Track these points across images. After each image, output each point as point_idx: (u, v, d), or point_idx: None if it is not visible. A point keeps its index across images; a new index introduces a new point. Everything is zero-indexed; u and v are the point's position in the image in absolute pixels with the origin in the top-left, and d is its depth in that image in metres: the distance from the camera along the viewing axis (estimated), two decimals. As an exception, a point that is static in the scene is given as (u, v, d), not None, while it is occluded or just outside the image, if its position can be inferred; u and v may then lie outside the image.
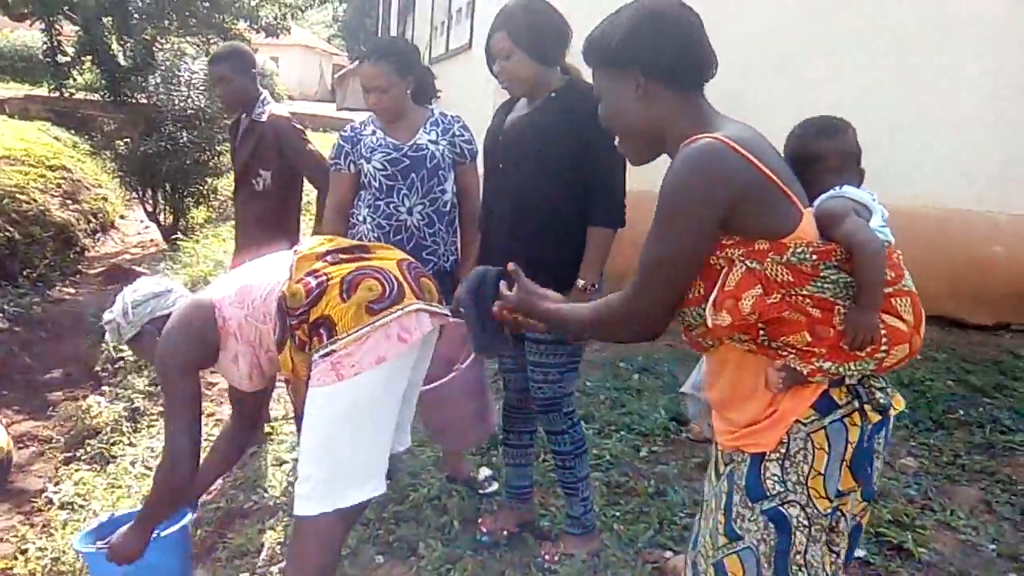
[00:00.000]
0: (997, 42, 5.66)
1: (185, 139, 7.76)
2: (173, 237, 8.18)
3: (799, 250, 1.56)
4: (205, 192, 8.54)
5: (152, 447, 4.20)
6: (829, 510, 1.63)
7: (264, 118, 3.66)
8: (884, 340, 1.61)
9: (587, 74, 2.68)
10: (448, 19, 7.37)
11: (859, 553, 2.91)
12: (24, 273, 7.56)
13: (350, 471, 2.25)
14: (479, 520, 3.04)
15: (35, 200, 9.01)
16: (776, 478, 1.64)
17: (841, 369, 1.59)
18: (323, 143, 4.29)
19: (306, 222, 4.55)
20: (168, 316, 2.51)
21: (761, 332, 1.61)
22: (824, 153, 1.83)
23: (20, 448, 5.04)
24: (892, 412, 1.68)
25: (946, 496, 3.43)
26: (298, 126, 3.76)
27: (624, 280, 3.75)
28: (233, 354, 2.42)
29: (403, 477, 3.32)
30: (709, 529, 1.77)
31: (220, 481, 3.33)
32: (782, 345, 1.60)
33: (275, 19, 8.32)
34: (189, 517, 2.68)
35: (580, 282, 2.60)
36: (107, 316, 2.59)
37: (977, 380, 4.73)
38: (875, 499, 1.82)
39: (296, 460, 3.63)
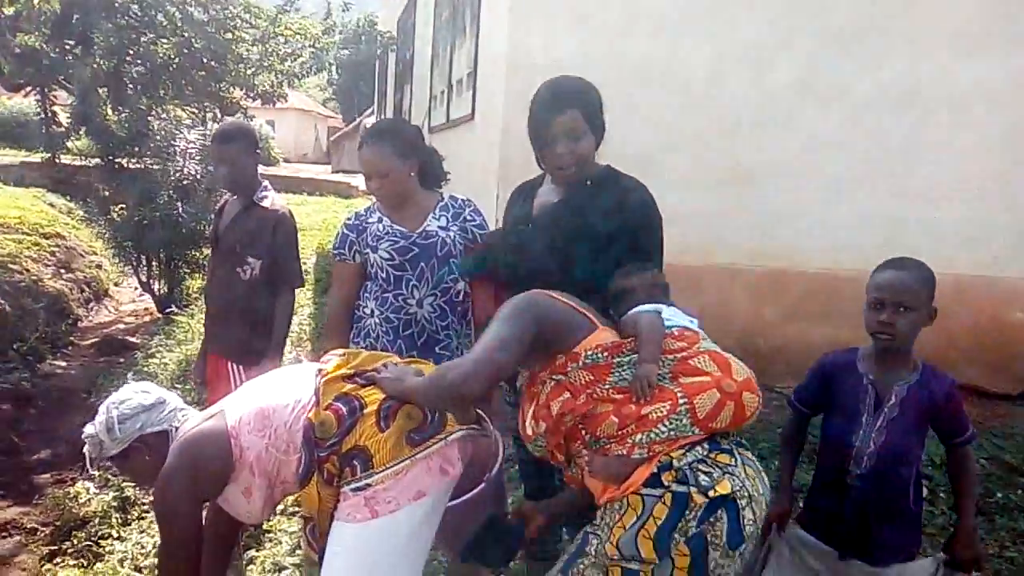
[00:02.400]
0: (1008, 105, 5.56)
1: (180, 208, 7.61)
2: (167, 308, 7.99)
3: (590, 353, 1.95)
4: (200, 261, 8.37)
5: (142, 543, 3.97)
6: (617, 558, 1.88)
7: (267, 204, 3.47)
8: (680, 394, 1.88)
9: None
10: (448, 89, 7.30)
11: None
12: (14, 347, 7.34)
13: None
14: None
15: (28, 270, 8.86)
16: (601, 513, 1.98)
17: (653, 434, 1.86)
18: (318, 206, 4.15)
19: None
20: (161, 432, 2.26)
21: (583, 433, 1.93)
22: (634, 288, 2.20)
23: (3, 538, 4.80)
24: (713, 494, 1.82)
25: (998, 597, 3.20)
26: (295, 226, 3.58)
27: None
28: (245, 487, 2.16)
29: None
30: None
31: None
32: (605, 440, 1.91)
33: (271, 87, 8.25)
34: None
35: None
36: (88, 430, 2.31)
37: (1012, 458, 4.52)
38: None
39: (296, 565, 3.40)
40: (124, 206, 8.17)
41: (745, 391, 1.93)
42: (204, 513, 2.58)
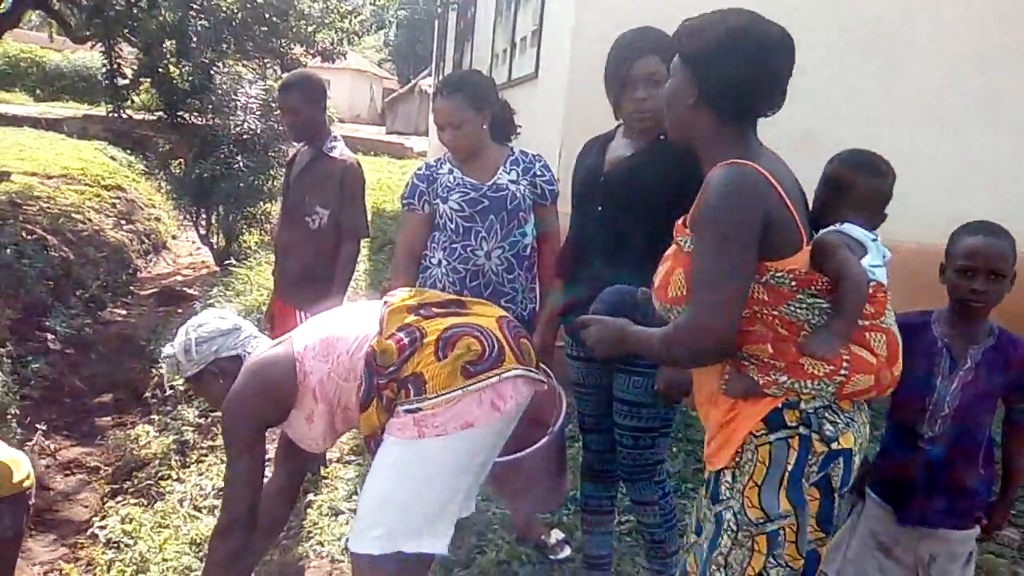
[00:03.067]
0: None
1: (240, 163, 7.70)
2: (225, 261, 8.12)
3: (779, 275, 1.68)
4: (258, 216, 8.47)
5: (201, 485, 4.06)
6: (762, 520, 1.72)
7: (335, 154, 3.48)
8: (845, 365, 1.70)
9: None
10: (511, 47, 7.24)
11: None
12: (77, 294, 7.53)
13: (411, 522, 2.10)
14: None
15: (90, 220, 9.06)
16: (727, 484, 1.79)
17: (796, 386, 1.70)
18: (372, 166, 4.15)
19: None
20: (235, 357, 2.33)
21: None
22: (856, 185, 1.88)
23: (67, 475, 4.96)
24: (836, 447, 1.72)
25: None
26: (363, 176, 3.59)
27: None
28: (308, 412, 2.23)
29: (469, 537, 3.10)
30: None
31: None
32: (745, 355, 1.73)
33: (331, 44, 8.27)
34: None
35: None
36: (167, 350, 2.41)
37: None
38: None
39: (352, 510, 3.47)
40: (184, 160, 8.29)
41: (891, 386, 1.83)
42: (274, 450, 2.65)
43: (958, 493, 2.18)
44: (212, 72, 7.86)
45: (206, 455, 4.40)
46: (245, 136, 7.83)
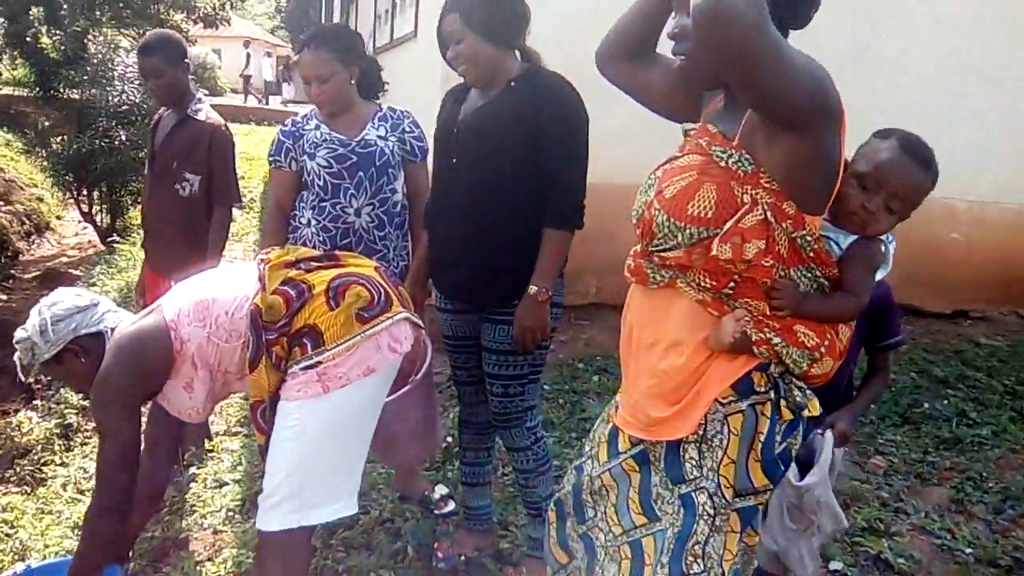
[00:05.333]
0: (953, 30, 5.59)
1: (121, 136, 7.39)
2: (110, 239, 7.82)
3: (809, 237, 1.53)
4: (142, 191, 8.16)
5: (85, 468, 3.94)
6: (736, 498, 1.59)
7: (201, 116, 3.37)
8: (826, 343, 1.60)
9: (548, 58, 2.57)
10: (392, 7, 7.13)
11: (836, 566, 2.79)
12: (-47, 279, 7.15)
13: (323, 488, 2.08)
14: (435, 545, 2.85)
15: (-36, 202, 8.59)
16: (694, 461, 1.59)
17: (784, 350, 1.56)
18: (266, 136, 4.05)
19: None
20: (96, 334, 2.22)
21: (732, 284, 1.55)
22: (903, 180, 1.68)
23: (-53, 467, 4.75)
24: (805, 414, 1.62)
25: (918, 497, 3.34)
26: (231, 138, 3.48)
27: (580, 279, 3.52)
28: (187, 380, 2.16)
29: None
30: (614, 506, 1.74)
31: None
32: (740, 305, 1.56)
33: (213, 9, 7.99)
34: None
35: (532, 288, 2.40)
36: (19, 334, 2.22)
37: (940, 371, 4.68)
38: (847, 504, 1.78)
39: (237, 481, 3.43)
40: (64, 136, 7.91)
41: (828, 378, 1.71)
42: (143, 427, 2.57)
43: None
44: (86, 41, 7.51)
45: (90, 437, 4.27)
46: (124, 107, 7.51)
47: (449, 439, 3.55)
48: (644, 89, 1.90)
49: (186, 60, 3.41)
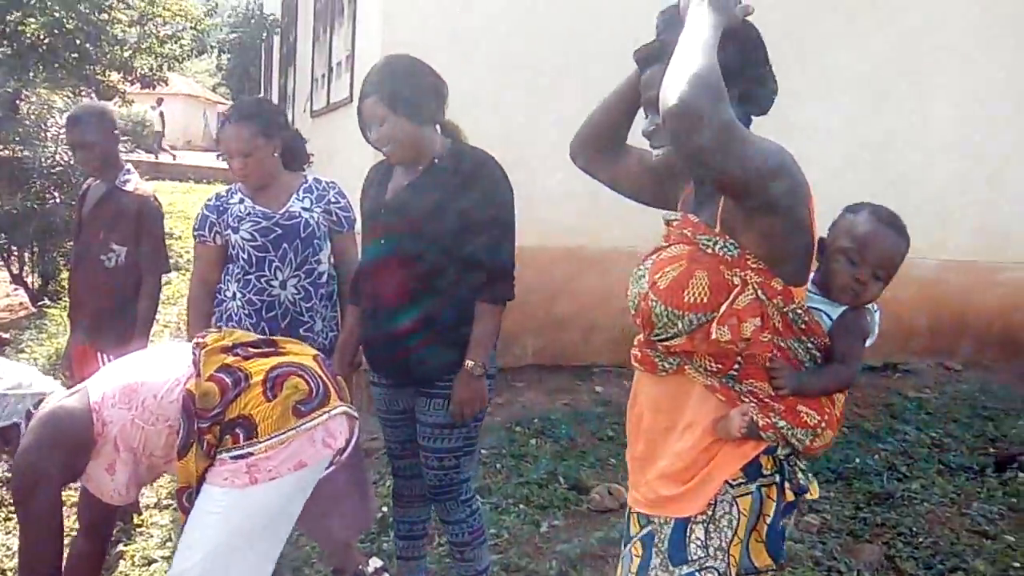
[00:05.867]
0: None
1: (56, 198, 7.26)
2: (40, 303, 7.62)
3: (799, 310, 1.61)
4: (70, 261, 7.99)
5: (8, 544, 3.79)
6: None
7: (130, 188, 3.36)
8: (826, 418, 1.64)
9: (469, 130, 2.61)
10: (328, 72, 7.17)
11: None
12: None
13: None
14: (367, 621, 2.79)
15: None
16: (699, 542, 1.61)
17: (789, 432, 1.60)
18: (204, 194, 4.02)
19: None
20: (15, 425, 2.16)
21: (737, 364, 1.60)
22: (896, 253, 1.74)
23: None
24: (808, 497, 1.66)
25: (851, 555, 3.37)
26: (161, 210, 3.48)
27: (516, 340, 3.56)
28: (109, 463, 2.11)
29: (284, 574, 3.03)
30: None
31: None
32: (745, 390, 1.60)
33: (151, 70, 7.94)
34: None
35: (468, 363, 2.42)
36: None
37: (871, 425, 4.78)
38: (783, 565, 1.82)
39: (166, 558, 3.32)
40: (-4, 197, 7.73)
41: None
42: (76, 503, 2.49)
43: None
44: (18, 102, 7.38)
45: (13, 513, 4.11)
46: (58, 169, 7.38)
47: (384, 509, 3.50)
48: (617, 179, 1.97)
49: (116, 131, 3.40)
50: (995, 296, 6.18)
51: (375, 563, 3.12)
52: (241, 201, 2.85)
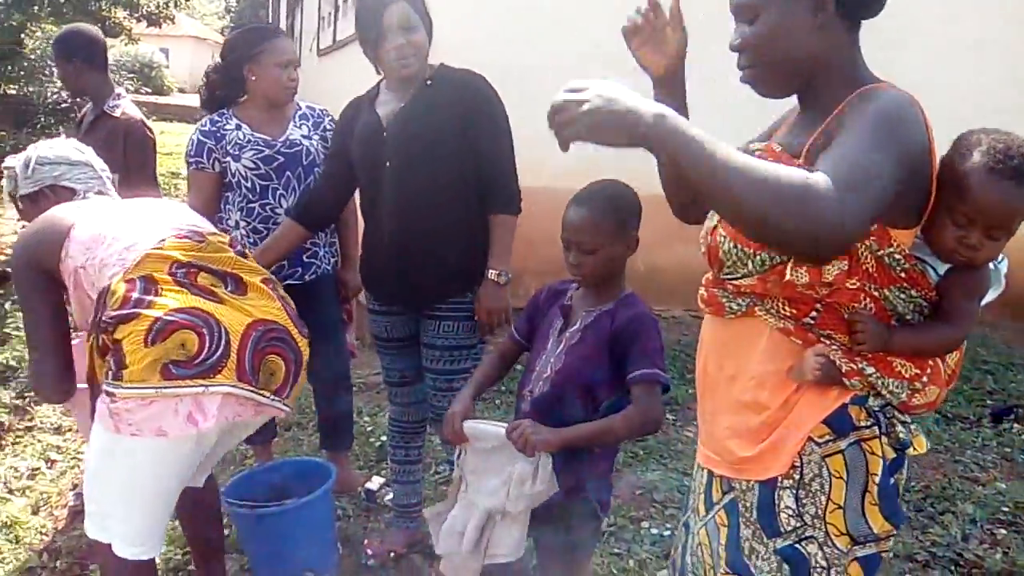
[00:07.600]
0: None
1: (61, 133, 7.27)
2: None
3: (898, 255, 1.36)
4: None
5: (16, 467, 3.86)
6: (851, 546, 1.42)
7: (118, 113, 3.32)
8: (928, 372, 1.43)
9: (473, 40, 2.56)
10: (335, 9, 7.08)
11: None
12: None
13: (120, 523, 1.95)
14: (364, 542, 2.85)
15: None
16: (791, 511, 1.43)
17: (879, 381, 1.39)
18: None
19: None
20: (72, 190, 2.22)
21: (814, 312, 1.39)
22: (1012, 211, 1.37)
23: None
24: (912, 452, 1.45)
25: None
26: (151, 135, 3.41)
27: (520, 281, 3.59)
28: (68, 294, 2.07)
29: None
30: (704, 564, 1.57)
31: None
32: (824, 336, 1.40)
33: (157, 8, 7.86)
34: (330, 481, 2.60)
35: (492, 272, 2.44)
36: (10, 161, 2.29)
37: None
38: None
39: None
40: (1, 133, 7.75)
41: (940, 404, 1.55)
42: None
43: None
44: (22, 36, 7.36)
45: (22, 436, 4.19)
46: (64, 104, 7.40)
47: (384, 438, 3.55)
48: None
49: (95, 56, 3.36)
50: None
51: (378, 480, 3.20)
52: (238, 127, 2.84)
